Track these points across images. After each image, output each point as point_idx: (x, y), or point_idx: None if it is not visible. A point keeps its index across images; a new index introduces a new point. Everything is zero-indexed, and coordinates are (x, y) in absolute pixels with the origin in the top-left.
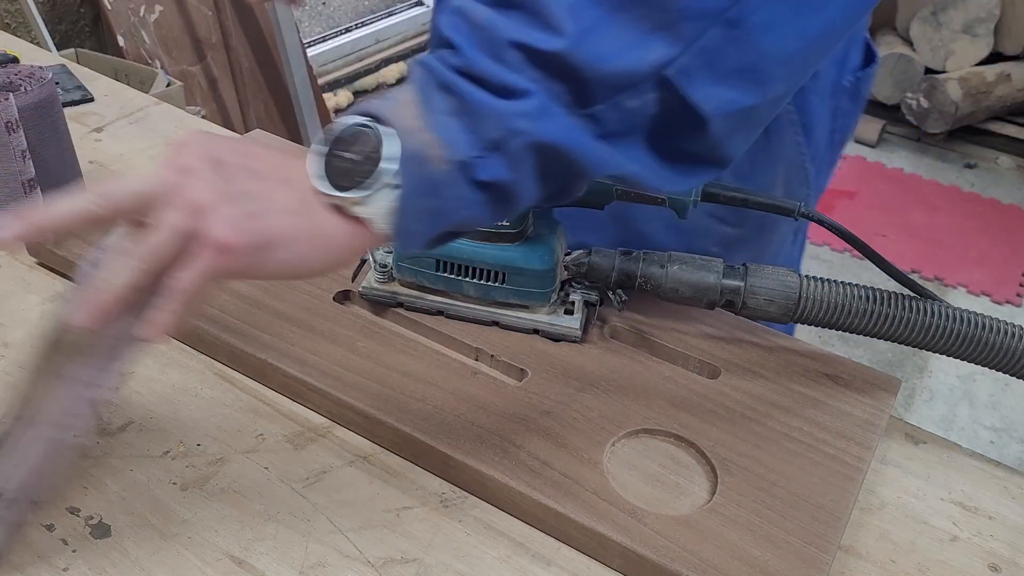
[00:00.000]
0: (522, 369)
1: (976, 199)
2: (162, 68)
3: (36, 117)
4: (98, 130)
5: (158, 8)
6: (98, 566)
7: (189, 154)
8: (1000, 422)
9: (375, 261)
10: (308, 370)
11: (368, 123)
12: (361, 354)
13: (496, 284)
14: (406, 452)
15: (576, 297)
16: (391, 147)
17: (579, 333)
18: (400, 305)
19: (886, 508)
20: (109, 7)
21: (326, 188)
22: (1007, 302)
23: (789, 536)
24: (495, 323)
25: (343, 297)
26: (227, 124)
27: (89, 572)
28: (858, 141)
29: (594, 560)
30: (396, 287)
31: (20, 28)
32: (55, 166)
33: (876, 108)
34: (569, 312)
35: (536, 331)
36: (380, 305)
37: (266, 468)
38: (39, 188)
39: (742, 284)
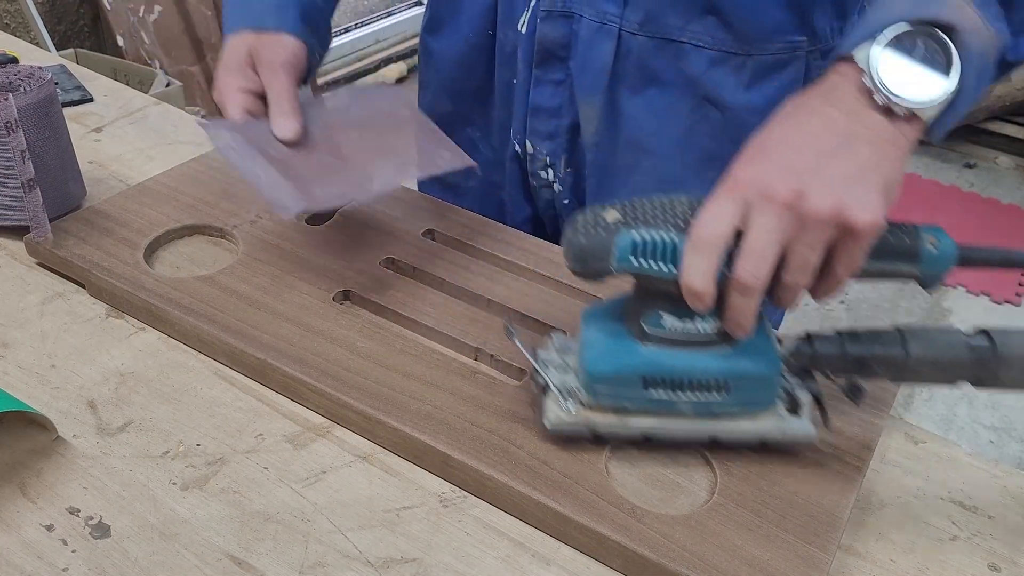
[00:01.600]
0: (522, 369)
1: (976, 199)
2: (161, 68)
3: (36, 117)
4: (97, 130)
5: (157, 8)
6: (98, 566)
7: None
8: (1000, 422)
9: (557, 388)
10: (308, 370)
11: (918, 28)
12: (361, 354)
13: (718, 396)
14: (406, 452)
15: (803, 394)
16: (961, 47)
17: (815, 437)
18: (597, 436)
19: (886, 508)
20: (108, 7)
21: (906, 99)
22: (1006, 302)
23: (789, 536)
24: (714, 440)
25: (343, 297)
26: None
27: (89, 572)
28: None
29: (594, 560)
30: (590, 415)
31: (19, 28)
32: (54, 166)
33: None
34: (793, 412)
35: (763, 442)
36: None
37: (266, 468)
38: (38, 188)
39: (991, 356)
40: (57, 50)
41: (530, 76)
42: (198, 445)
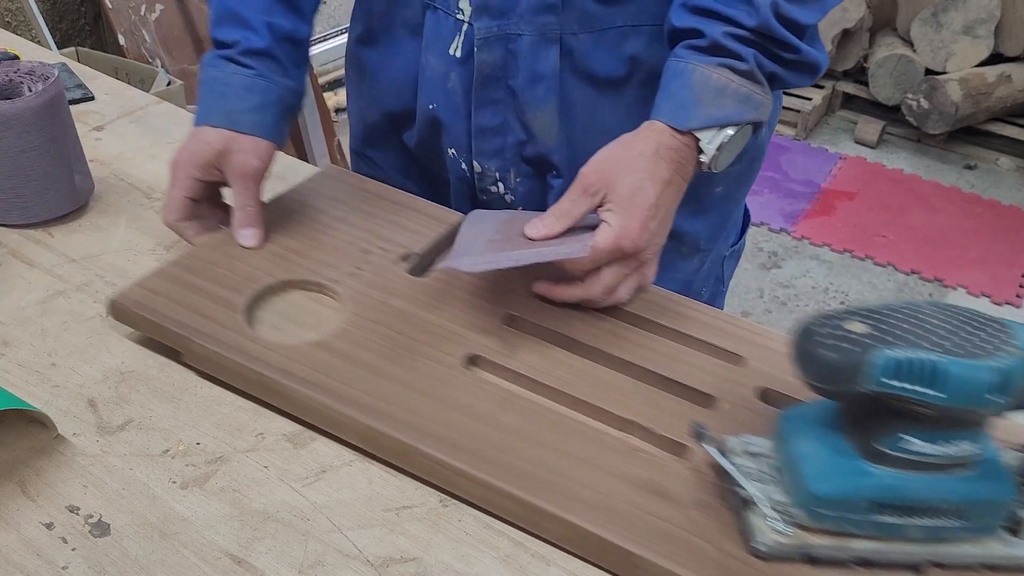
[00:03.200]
0: (679, 443)
1: (976, 200)
2: (163, 67)
3: (46, 116)
4: (99, 129)
5: (159, 7)
6: (97, 564)
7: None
8: None
9: (763, 502)
10: (453, 451)
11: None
12: (505, 430)
13: (951, 522)
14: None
15: (1023, 513)
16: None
17: None
18: (812, 560)
19: None
20: (110, 6)
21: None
22: (1007, 303)
23: None
24: (936, 564)
25: (469, 362)
26: None
27: (88, 571)
28: (858, 142)
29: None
30: (807, 536)
31: (21, 27)
32: (63, 163)
33: (876, 109)
34: (1012, 531)
35: (987, 567)
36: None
37: (266, 467)
38: (46, 187)
39: None
40: (58, 48)
41: (469, 99)
42: (198, 444)
